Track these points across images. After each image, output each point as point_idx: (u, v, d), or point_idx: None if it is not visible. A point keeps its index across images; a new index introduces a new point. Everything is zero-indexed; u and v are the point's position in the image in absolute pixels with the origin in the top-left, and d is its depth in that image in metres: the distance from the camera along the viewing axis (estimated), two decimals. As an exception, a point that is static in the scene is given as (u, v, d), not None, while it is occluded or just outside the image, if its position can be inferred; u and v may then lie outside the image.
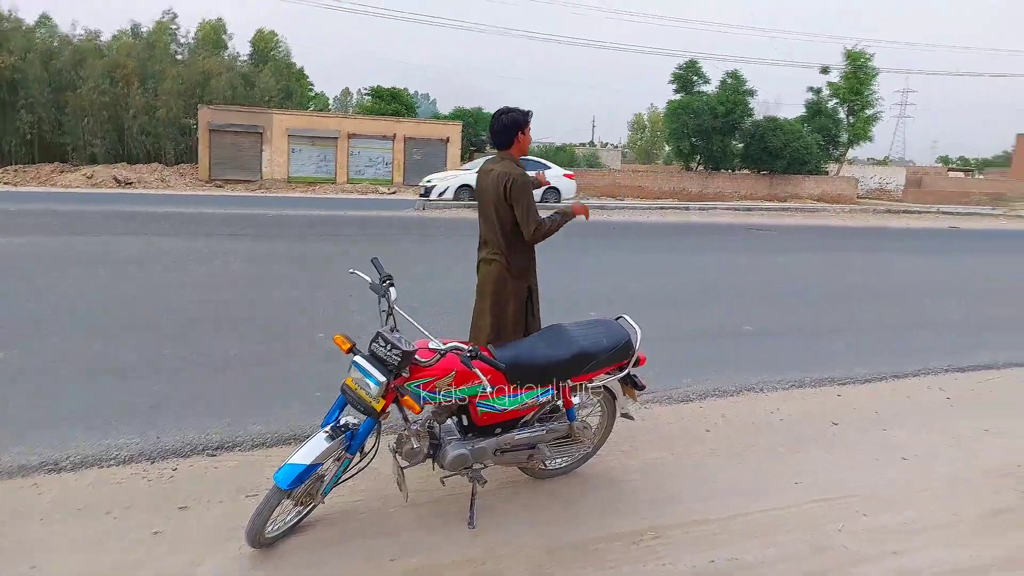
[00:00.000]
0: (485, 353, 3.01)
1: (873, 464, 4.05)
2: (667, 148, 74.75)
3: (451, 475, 3.24)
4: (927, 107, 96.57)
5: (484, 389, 3.04)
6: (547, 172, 20.93)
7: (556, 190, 22.44)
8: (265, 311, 7.09)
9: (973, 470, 4.00)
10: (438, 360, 2.96)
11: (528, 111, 3.73)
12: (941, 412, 4.96)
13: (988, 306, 9.03)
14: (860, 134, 35.05)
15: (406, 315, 3.06)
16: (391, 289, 3.13)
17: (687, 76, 33.72)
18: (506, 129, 3.70)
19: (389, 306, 3.08)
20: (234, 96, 33.08)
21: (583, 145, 54.53)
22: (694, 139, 33.54)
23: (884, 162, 54.80)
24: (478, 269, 3.88)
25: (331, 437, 2.94)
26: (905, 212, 26.54)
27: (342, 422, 3.02)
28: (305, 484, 2.91)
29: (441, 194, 21.70)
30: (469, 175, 21.28)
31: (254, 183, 29.19)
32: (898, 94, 71.61)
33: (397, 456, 3.14)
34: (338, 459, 3.03)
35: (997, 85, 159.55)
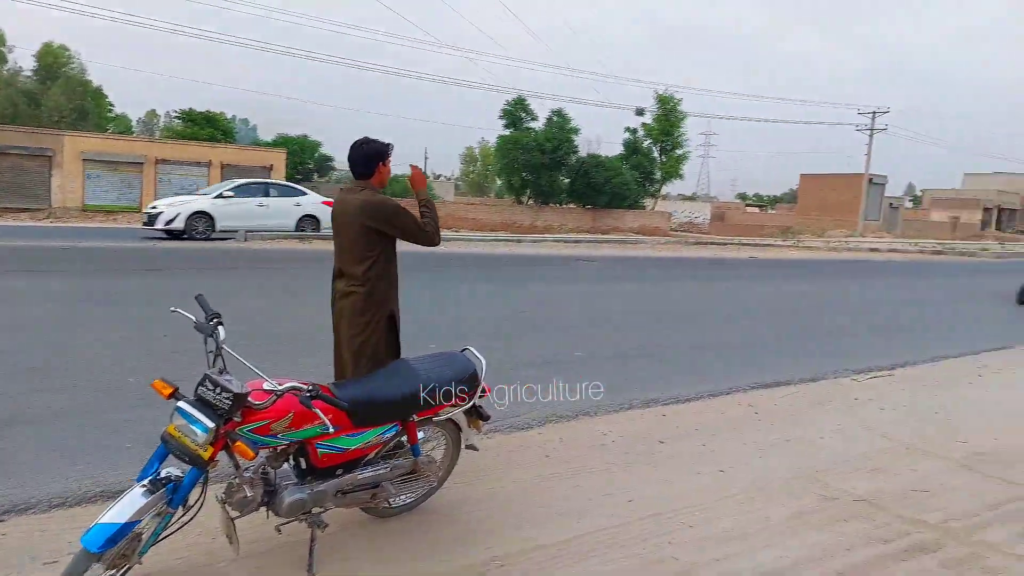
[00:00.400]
0: (326, 392, 2.91)
1: (695, 477, 4.39)
2: (499, 181, 77.19)
3: (288, 522, 3.08)
4: (727, 149, 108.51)
5: (326, 430, 2.94)
6: (303, 198, 20.35)
7: (314, 218, 20.26)
8: (67, 356, 6.34)
9: (778, 477, 4.47)
10: (274, 401, 2.82)
11: (389, 143, 3.75)
12: (750, 425, 5.50)
13: (784, 325, 10.20)
14: (672, 172, 38.46)
15: (237, 355, 2.89)
16: (219, 328, 2.94)
17: (516, 112, 35.20)
18: (367, 159, 3.67)
19: (217, 346, 2.89)
20: (16, 115, 29.61)
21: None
22: (524, 174, 34.97)
23: (692, 198, 60.36)
24: (334, 302, 3.77)
25: (150, 491, 2.69)
26: (712, 243, 29.28)
27: (163, 474, 2.77)
28: (119, 545, 2.62)
29: (169, 222, 17.94)
30: (205, 201, 18.79)
31: (41, 211, 26.18)
32: (702, 136, 79.41)
33: (226, 507, 2.93)
34: (159, 514, 2.76)
35: (785, 130, 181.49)
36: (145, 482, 2.71)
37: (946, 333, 10.47)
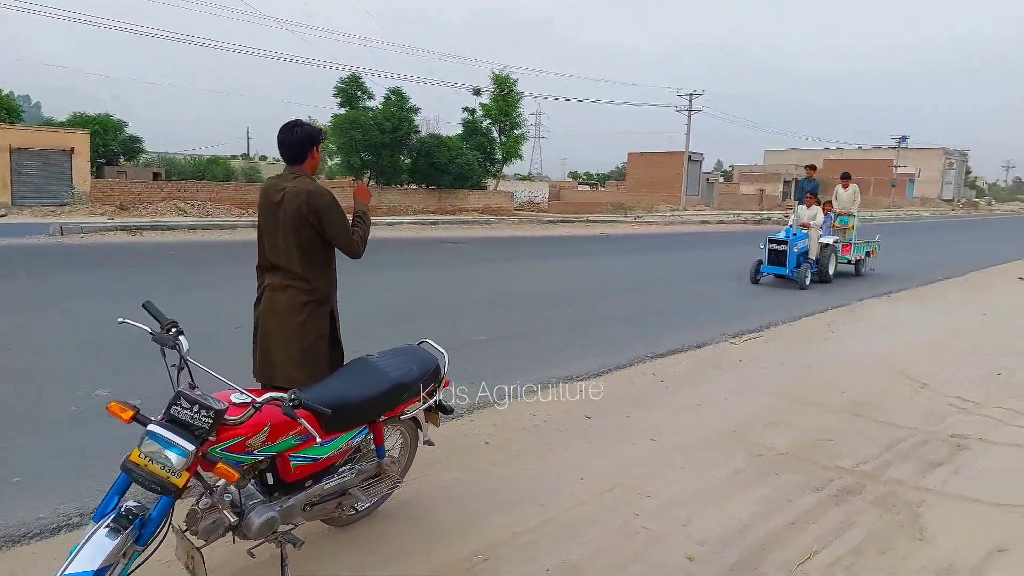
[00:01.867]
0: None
1: (632, 448, 4.58)
2: (330, 162, 74.43)
3: (258, 544, 2.83)
4: (558, 128, 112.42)
5: (303, 440, 2.74)
6: None
7: None
8: None
9: (704, 440, 4.78)
10: (252, 415, 2.56)
11: (321, 129, 3.51)
12: (660, 393, 5.82)
13: (659, 295, 10.82)
14: (512, 152, 39.13)
15: (204, 367, 2.57)
16: (181, 338, 2.61)
17: (351, 91, 33.99)
18: (300, 144, 3.41)
19: (181, 358, 2.56)
20: None
21: (238, 158, 51.44)
22: (364, 154, 33.98)
23: (528, 177, 61.98)
24: (260, 299, 3.46)
25: (115, 531, 2.35)
26: (563, 222, 30.32)
27: (123, 508, 2.43)
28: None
29: None
30: None
31: None
32: (533, 116, 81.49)
33: (187, 536, 2.63)
34: (125, 555, 2.43)
35: (611, 111, 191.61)
36: (108, 521, 2.37)
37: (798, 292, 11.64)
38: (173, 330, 2.64)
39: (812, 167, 14.35)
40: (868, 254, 14.55)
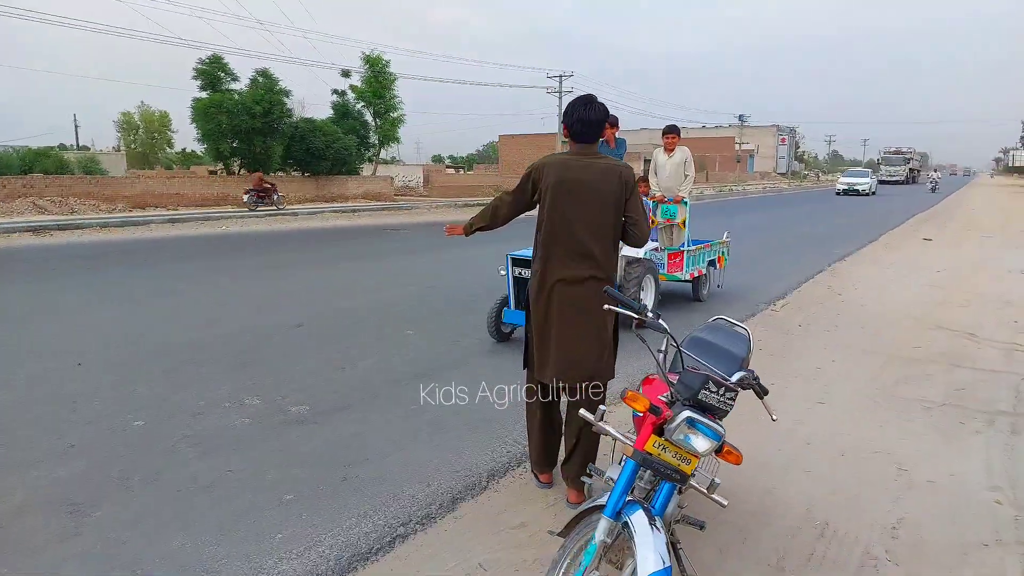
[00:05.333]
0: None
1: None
2: (169, 150, 69.07)
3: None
4: (419, 111, 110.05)
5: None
6: None
7: None
8: None
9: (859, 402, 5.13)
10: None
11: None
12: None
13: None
14: (389, 136, 38.31)
15: (691, 354, 2.46)
16: (660, 321, 2.49)
17: (213, 72, 31.63)
18: (601, 122, 3.30)
19: (668, 343, 2.46)
20: None
21: (69, 148, 46.28)
22: (232, 140, 31.86)
23: (392, 161, 60.83)
24: (554, 287, 3.26)
25: (652, 524, 2.25)
26: (472, 204, 30.41)
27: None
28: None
29: None
30: None
31: None
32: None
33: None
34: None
35: (476, 92, 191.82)
36: (640, 514, 2.25)
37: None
38: (650, 315, 2.51)
39: (610, 122, 7.00)
40: (712, 264, 9.03)
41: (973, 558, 3.04)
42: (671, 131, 8.51)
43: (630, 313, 2.54)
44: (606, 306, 2.63)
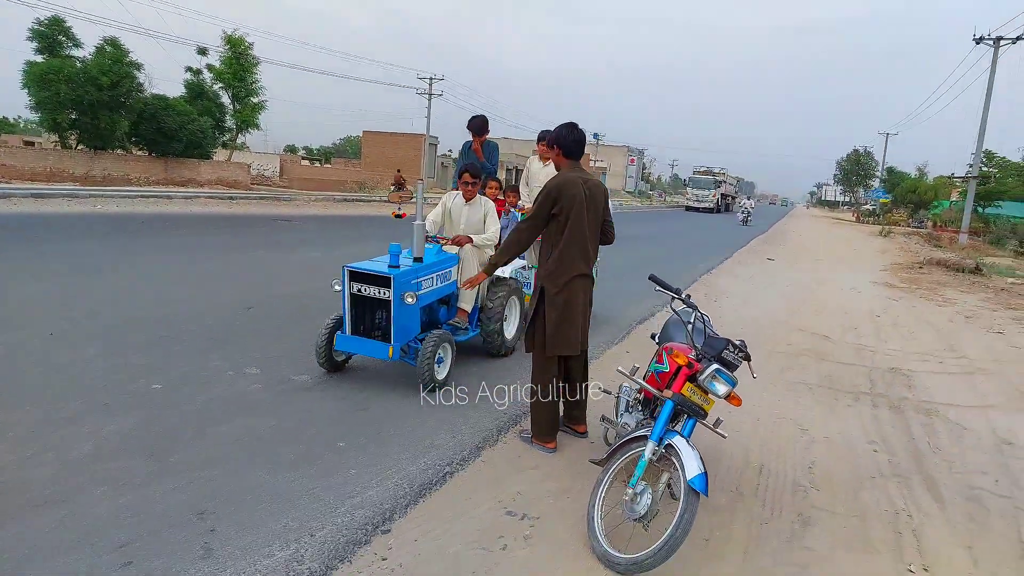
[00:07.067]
0: None
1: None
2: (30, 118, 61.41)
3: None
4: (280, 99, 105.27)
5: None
6: None
7: None
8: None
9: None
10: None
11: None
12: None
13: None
14: (248, 121, 37.04)
15: (710, 319, 3.35)
16: (690, 299, 3.39)
17: (52, 35, 29.23)
18: (584, 142, 4.22)
19: (697, 318, 3.38)
20: None
21: None
22: (71, 112, 29.55)
23: (240, 147, 58.28)
24: (568, 282, 4.09)
25: (689, 443, 3.14)
26: (357, 200, 30.43)
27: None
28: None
29: None
30: None
31: None
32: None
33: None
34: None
35: (319, 83, 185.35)
36: (679, 438, 3.13)
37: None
38: (684, 294, 3.39)
39: (479, 125, 7.37)
40: None
41: (867, 484, 4.21)
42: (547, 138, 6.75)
43: (673, 294, 3.46)
44: (656, 288, 3.55)
